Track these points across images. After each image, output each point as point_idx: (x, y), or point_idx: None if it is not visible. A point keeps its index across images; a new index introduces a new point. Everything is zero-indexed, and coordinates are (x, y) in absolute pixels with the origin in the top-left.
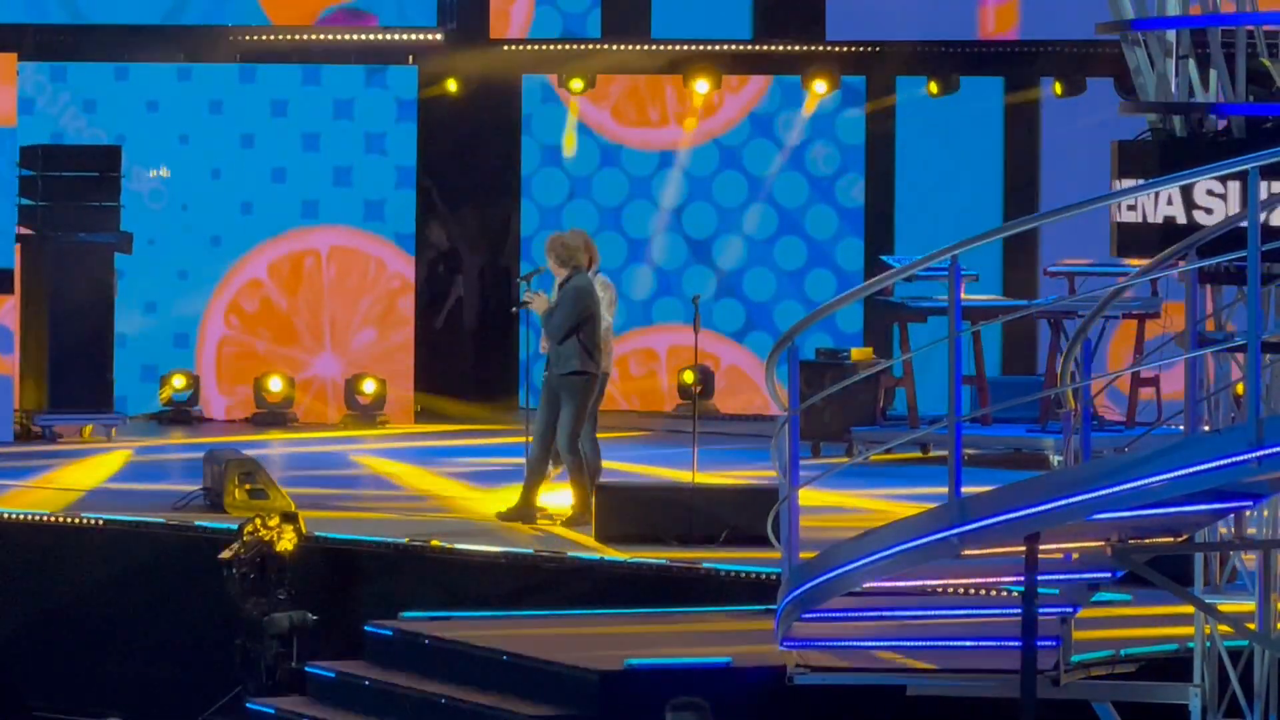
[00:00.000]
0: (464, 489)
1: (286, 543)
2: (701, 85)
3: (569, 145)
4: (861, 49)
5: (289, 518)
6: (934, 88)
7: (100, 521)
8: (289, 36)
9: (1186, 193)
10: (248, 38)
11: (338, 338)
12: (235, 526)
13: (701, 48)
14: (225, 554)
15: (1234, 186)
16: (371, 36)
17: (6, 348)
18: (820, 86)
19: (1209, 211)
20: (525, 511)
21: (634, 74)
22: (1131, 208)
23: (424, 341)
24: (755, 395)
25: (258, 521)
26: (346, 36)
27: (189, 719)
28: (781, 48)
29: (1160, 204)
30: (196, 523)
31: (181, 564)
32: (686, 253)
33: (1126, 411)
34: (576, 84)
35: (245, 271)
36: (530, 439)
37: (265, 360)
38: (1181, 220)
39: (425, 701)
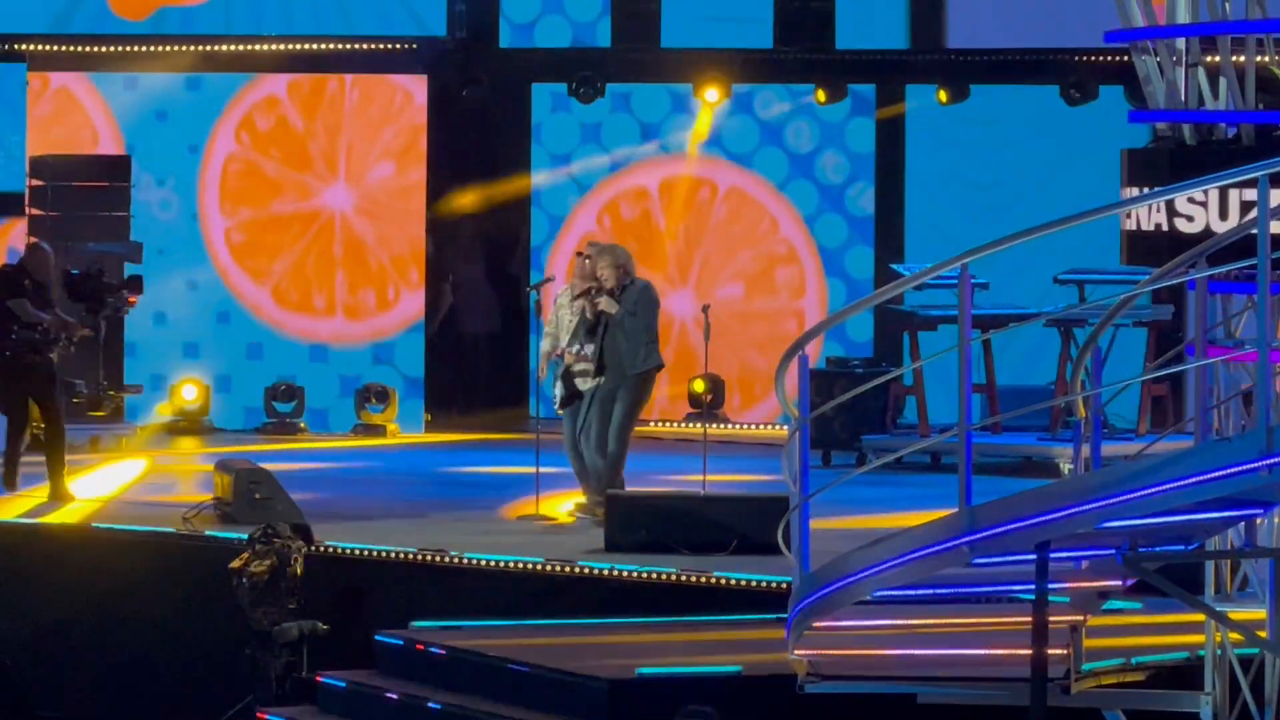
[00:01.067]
0: (474, 498)
1: (297, 552)
2: (711, 94)
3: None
4: (873, 57)
5: (299, 528)
6: (943, 95)
7: (111, 531)
8: (297, 46)
9: (1169, 201)
10: (255, 47)
11: (353, 168)
12: (245, 536)
13: (712, 55)
14: (235, 563)
15: (1214, 195)
16: (381, 45)
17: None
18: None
19: (1190, 219)
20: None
21: (643, 82)
22: (1129, 215)
23: (434, 350)
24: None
25: (268, 531)
26: (355, 46)
27: None
28: (793, 55)
29: (1151, 212)
30: (207, 533)
31: (191, 574)
32: None
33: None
34: (585, 93)
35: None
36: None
37: (274, 183)
38: (1165, 228)
39: (436, 711)
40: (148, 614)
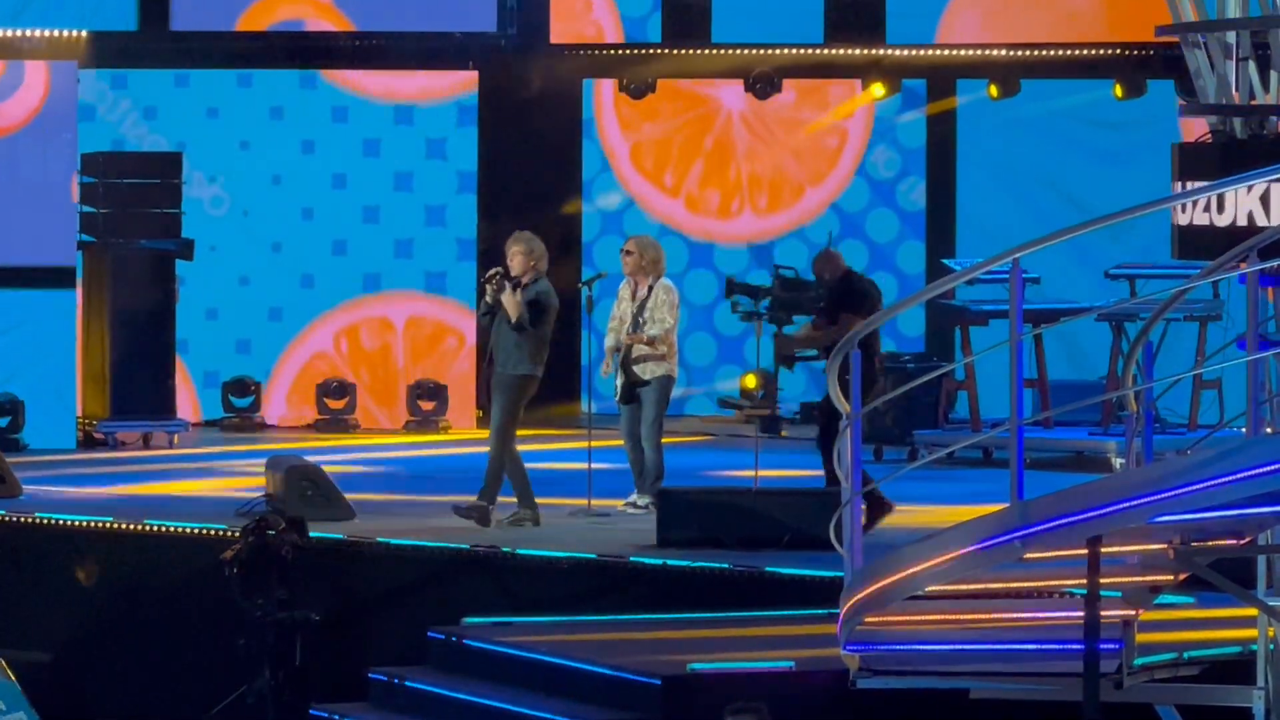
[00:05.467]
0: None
1: (287, 544)
2: (764, 89)
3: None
4: (928, 52)
5: (293, 521)
6: (994, 90)
7: (162, 528)
8: (345, 42)
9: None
10: (301, 42)
11: None
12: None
13: (763, 52)
14: (226, 554)
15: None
16: (431, 42)
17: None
18: (877, 90)
19: (1183, 210)
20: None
21: (695, 79)
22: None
23: (484, 346)
24: None
25: (260, 522)
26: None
27: None
28: (847, 51)
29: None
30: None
31: None
32: (748, 256)
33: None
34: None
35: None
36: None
37: None
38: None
39: (487, 707)
40: (202, 611)
